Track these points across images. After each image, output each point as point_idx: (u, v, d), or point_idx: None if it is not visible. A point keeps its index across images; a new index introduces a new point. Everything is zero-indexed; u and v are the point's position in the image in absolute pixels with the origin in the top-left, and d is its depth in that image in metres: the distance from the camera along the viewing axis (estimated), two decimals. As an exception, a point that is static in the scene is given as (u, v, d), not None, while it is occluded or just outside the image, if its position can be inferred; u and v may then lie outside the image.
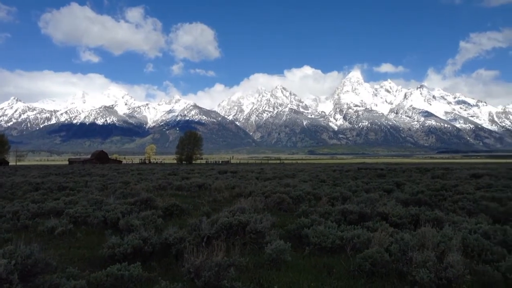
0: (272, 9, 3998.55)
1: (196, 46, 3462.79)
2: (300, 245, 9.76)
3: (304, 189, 20.17)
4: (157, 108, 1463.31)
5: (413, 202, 15.87)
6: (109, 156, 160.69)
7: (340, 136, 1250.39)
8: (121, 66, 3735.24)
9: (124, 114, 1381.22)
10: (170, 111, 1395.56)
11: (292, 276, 7.62)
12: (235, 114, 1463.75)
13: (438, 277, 6.63)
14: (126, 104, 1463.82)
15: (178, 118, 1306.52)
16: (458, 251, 7.63)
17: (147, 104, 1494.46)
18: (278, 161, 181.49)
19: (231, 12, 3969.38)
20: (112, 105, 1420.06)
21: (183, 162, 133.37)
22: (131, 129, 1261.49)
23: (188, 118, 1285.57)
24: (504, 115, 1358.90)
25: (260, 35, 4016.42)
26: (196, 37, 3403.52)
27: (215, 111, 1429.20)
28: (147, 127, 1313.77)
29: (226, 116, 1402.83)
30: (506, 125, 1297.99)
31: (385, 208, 12.99)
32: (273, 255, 8.11)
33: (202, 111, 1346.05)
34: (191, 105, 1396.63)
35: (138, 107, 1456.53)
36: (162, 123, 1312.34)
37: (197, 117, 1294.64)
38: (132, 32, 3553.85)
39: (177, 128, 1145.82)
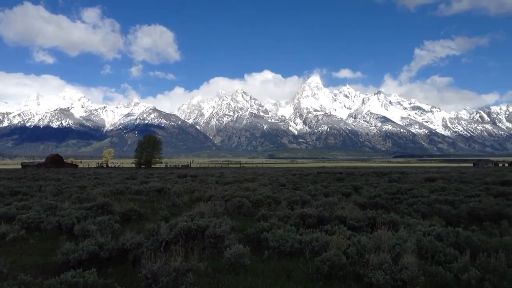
0: (232, 13, 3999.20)
1: (155, 48, 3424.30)
2: (260, 249, 9.74)
3: (264, 193, 20.21)
4: (115, 111, 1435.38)
5: (371, 205, 16.19)
6: (65, 160, 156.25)
7: (300, 140, 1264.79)
8: (77, 68, 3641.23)
9: (80, 117, 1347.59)
10: (128, 114, 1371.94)
11: (251, 280, 7.60)
12: (195, 118, 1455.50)
13: (394, 279, 6.77)
14: (82, 107, 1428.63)
15: (137, 122, 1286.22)
16: (412, 253, 7.81)
17: (104, 107, 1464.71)
18: (239, 165, 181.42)
19: (191, 15, 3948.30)
20: (68, 108, 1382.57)
21: (142, 166, 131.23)
22: (88, 132, 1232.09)
23: (147, 122, 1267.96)
24: (456, 120, 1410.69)
25: (221, 38, 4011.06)
26: (155, 39, 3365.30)
27: (175, 114, 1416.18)
28: (104, 130, 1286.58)
29: (186, 120, 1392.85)
30: (459, 131, 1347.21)
31: (343, 211, 13.19)
32: (232, 259, 8.07)
33: (161, 114, 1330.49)
34: (151, 109, 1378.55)
35: (95, 110, 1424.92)
36: (121, 126, 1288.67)
37: (156, 121, 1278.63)
38: (89, 33, 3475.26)
39: (136, 132, 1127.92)
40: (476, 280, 6.65)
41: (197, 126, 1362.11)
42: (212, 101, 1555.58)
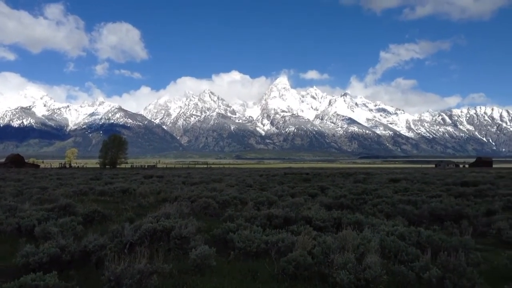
0: (200, 12, 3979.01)
1: (121, 47, 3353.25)
2: (226, 249, 9.70)
3: (230, 193, 20.18)
4: (79, 110, 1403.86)
5: (336, 206, 16.38)
6: (26, 160, 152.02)
7: (267, 141, 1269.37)
8: (39, 65, 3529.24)
9: (42, 116, 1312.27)
10: (93, 114, 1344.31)
11: (216, 281, 7.55)
12: (162, 118, 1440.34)
13: (358, 278, 6.85)
14: (45, 106, 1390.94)
15: (102, 121, 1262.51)
16: (376, 252, 7.92)
17: (68, 106, 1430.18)
18: (205, 166, 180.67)
19: (158, 13, 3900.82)
20: (30, 106, 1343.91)
21: (107, 166, 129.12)
22: (50, 132, 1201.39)
23: (112, 121, 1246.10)
24: (419, 122, 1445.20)
25: (188, 38, 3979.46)
26: (121, 37, 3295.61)
27: (141, 114, 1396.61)
28: (68, 130, 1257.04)
29: (152, 120, 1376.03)
30: (421, 132, 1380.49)
31: (309, 212, 13.29)
32: (197, 261, 8.00)
33: (127, 114, 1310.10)
34: (116, 108, 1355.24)
35: (58, 108, 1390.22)
36: (85, 126, 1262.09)
37: (122, 120, 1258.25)
38: (52, 30, 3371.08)
39: (101, 132, 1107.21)
40: (437, 278, 6.80)
41: (164, 126, 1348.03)
42: (179, 101, 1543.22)
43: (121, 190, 23.99)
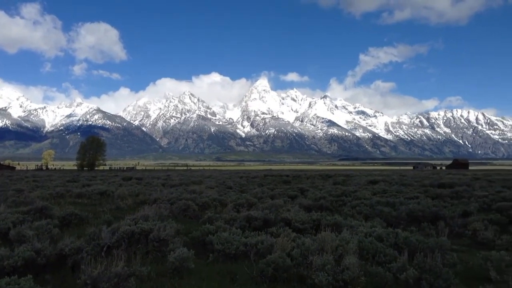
0: (179, 14, 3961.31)
1: (99, 47, 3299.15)
2: (205, 252, 9.66)
3: (210, 195, 20.11)
4: (56, 111, 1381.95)
5: (316, 208, 16.44)
6: (1, 162, 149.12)
7: (247, 143, 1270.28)
8: (16, 65, 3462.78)
9: (18, 117, 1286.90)
10: (70, 115, 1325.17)
11: (194, 283, 7.51)
12: (141, 120, 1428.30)
13: (336, 280, 6.89)
14: (21, 107, 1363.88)
15: (80, 123, 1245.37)
16: (354, 254, 7.99)
17: (45, 107, 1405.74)
18: (185, 168, 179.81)
19: (137, 13, 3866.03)
20: (5, 107, 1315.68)
21: (85, 168, 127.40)
22: (27, 133, 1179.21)
23: (90, 123, 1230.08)
24: (398, 125, 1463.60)
25: (168, 39, 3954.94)
26: (99, 37, 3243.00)
27: (120, 116, 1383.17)
28: (44, 131, 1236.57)
29: (132, 121, 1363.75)
30: (400, 135, 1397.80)
31: (289, 214, 13.32)
32: (176, 263, 7.94)
33: (106, 115, 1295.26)
34: (94, 109, 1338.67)
35: (35, 110, 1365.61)
36: (62, 127, 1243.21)
37: (100, 122, 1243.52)
38: (29, 29, 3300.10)
39: (79, 133, 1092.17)
40: (414, 279, 6.89)
41: (143, 128, 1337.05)
42: (159, 103, 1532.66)
43: (99, 192, 23.70)
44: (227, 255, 9.07)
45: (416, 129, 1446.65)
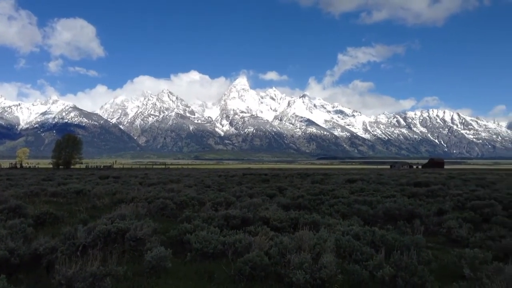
0: (158, 12, 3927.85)
1: (75, 43, 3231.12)
2: (183, 251, 9.60)
3: (188, 194, 20.01)
4: (31, 108, 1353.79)
5: (294, 206, 16.52)
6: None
7: (226, 141, 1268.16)
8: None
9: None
10: (46, 113, 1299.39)
11: (172, 283, 7.47)
12: (119, 118, 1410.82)
13: (313, 278, 6.92)
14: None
15: (55, 120, 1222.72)
16: (332, 252, 8.05)
17: (19, 104, 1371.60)
18: (164, 166, 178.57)
19: (114, 9, 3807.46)
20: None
21: (60, 167, 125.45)
22: (0, 131, 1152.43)
23: (66, 121, 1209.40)
24: (375, 124, 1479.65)
25: (146, 37, 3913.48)
26: (75, 34, 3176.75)
27: (97, 113, 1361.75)
28: (19, 129, 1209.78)
29: (109, 119, 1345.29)
30: (377, 134, 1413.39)
31: (267, 212, 13.35)
32: (153, 263, 7.88)
33: (82, 113, 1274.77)
34: (71, 107, 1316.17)
35: (9, 107, 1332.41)
36: (37, 125, 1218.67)
37: (77, 120, 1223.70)
38: (2, 25, 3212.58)
39: (54, 131, 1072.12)
40: (390, 277, 6.97)
41: (121, 126, 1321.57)
42: (137, 101, 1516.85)
43: (75, 191, 23.35)
44: (205, 254, 9.03)
45: (393, 129, 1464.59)
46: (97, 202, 19.06)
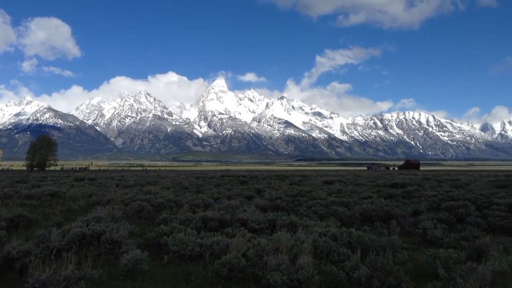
0: (135, 11, 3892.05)
1: (50, 43, 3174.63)
2: (160, 253, 9.52)
3: (166, 196, 19.87)
4: (4, 109, 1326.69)
5: (272, 208, 16.56)
6: None
7: (205, 143, 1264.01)
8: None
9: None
10: (19, 114, 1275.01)
11: (148, 286, 7.39)
12: (95, 119, 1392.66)
13: (290, 279, 6.94)
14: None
15: (30, 121, 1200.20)
16: (309, 253, 8.08)
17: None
18: (141, 168, 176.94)
19: (90, 9, 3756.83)
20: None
21: (35, 168, 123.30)
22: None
23: (41, 122, 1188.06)
24: (353, 126, 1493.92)
25: (123, 37, 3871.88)
26: (50, 33, 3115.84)
27: (72, 114, 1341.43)
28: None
29: (85, 121, 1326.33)
30: (355, 136, 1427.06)
31: (245, 214, 13.33)
32: (129, 265, 7.78)
33: (57, 114, 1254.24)
34: (45, 108, 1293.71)
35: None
36: (10, 126, 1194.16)
37: (52, 121, 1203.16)
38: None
39: (28, 132, 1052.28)
40: (366, 277, 7.03)
41: (97, 127, 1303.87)
42: (114, 102, 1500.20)
43: (50, 193, 22.93)
44: (182, 256, 8.97)
45: (370, 130, 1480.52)
46: (72, 204, 18.77)
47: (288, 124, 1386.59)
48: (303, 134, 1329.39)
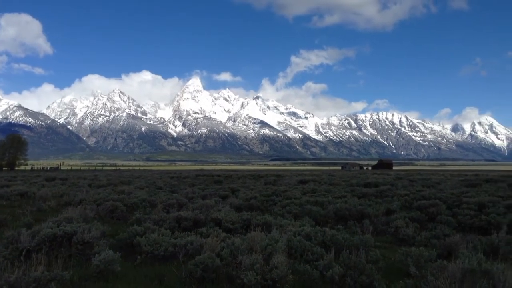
0: (108, 9, 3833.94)
1: (20, 39, 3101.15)
2: (132, 254, 9.39)
3: (139, 196, 19.67)
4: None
5: (246, 208, 16.54)
6: None
7: (179, 142, 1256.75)
8: None
9: None
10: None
11: (120, 287, 7.28)
12: (67, 118, 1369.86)
13: (264, 279, 6.94)
14: None
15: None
16: (283, 252, 8.09)
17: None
18: (114, 168, 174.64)
19: (62, 5, 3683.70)
20: None
21: (4, 168, 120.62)
22: None
23: (11, 120, 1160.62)
24: (327, 126, 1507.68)
25: (96, 35, 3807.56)
26: (20, 29, 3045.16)
27: (43, 113, 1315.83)
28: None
29: (56, 119, 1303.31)
30: (329, 136, 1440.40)
31: (219, 214, 13.28)
32: (101, 266, 7.65)
33: (28, 113, 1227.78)
34: (15, 106, 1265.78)
35: None
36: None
37: (22, 120, 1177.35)
38: None
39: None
40: (339, 276, 7.09)
41: (69, 126, 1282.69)
42: (86, 100, 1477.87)
43: (19, 193, 22.47)
44: (156, 256, 8.88)
45: (344, 130, 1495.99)
46: (43, 205, 18.40)
47: (263, 124, 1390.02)
48: (278, 134, 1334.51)
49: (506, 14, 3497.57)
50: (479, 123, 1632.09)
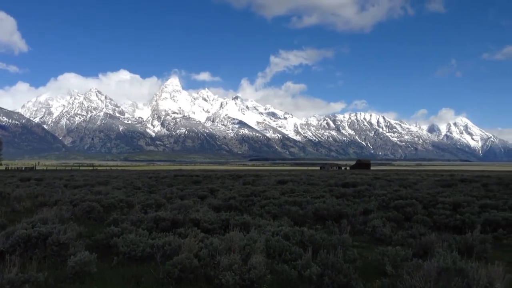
0: (84, 7, 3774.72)
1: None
2: (109, 255, 9.28)
3: (116, 196, 19.43)
4: None
5: (225, 208, 16.52)
6: None
7: (158, 142, 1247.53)
8: None
9: None
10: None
11: (97, 288, 7.21)
12: (42, 117, 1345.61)
13: (243, 279, 6.94)
14: None
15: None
16: (261, 252, 8.10)
17: None
18: (91, 168, 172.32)
19: (37, 3, 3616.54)
20: None
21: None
22: None
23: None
24: (306, 126, 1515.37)
25: (72, 33, 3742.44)
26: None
27: (18, 112, 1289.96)
28: None
29: (31, 119, 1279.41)
30: (308, 136, 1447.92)
31: (198, 214, 13.22)
32: (76, 268, 7.54)
33: (2, 111, 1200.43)
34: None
35: None
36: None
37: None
38: None
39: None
40: (317, 275, 7.12)
41: (45, 126, 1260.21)
42: (63, 99, 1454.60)
43: (-7, 194, 22.00)
44: (133, 257, 8.79)
45: (323, 131, 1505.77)
46: (17, 205, 18.10)
47: (242, 124, 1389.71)
48: (257, 134, 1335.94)
49: (481, 16, 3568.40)
50: (455, 124, 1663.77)
